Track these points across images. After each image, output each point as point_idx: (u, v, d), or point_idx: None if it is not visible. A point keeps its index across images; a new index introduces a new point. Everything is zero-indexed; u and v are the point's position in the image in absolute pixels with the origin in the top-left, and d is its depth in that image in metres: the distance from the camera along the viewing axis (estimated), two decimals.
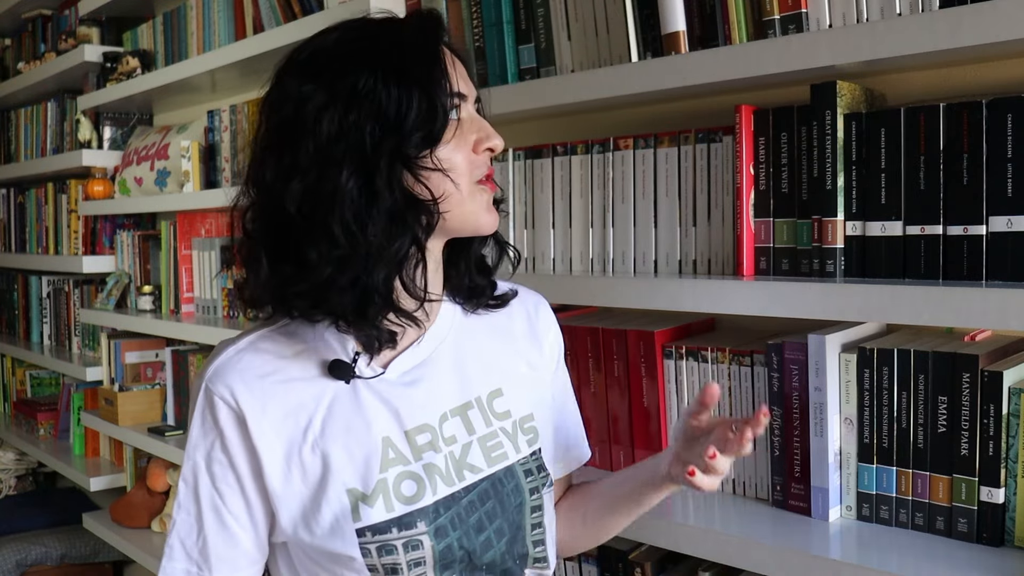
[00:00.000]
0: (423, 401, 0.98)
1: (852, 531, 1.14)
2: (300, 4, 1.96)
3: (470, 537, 0.96)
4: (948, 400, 1.09)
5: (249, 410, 0.94)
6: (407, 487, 0.95)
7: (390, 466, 0.94)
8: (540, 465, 1.04)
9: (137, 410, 2.50)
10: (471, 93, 0.98)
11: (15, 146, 3.53)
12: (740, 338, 1.35)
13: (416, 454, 0.96)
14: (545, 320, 1.12)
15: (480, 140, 0.96)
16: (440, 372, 1.00)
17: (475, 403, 1.02)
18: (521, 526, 1.00)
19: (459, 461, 0.98)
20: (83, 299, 3.05)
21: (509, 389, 1.04)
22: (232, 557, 0.98)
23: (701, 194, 1.30)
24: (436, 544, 0.94)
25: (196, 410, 0.97)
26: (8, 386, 3.51)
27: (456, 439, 0.99)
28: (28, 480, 3.34)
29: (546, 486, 1.03)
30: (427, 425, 0.98)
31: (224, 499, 0.97)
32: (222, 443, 0.96)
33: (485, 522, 0.98)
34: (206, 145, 2.42)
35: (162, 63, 2.63)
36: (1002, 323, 0.97)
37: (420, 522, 0.94)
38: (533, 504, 1.02)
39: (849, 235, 1.16)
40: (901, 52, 1.04)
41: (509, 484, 1.00)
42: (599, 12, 1.39)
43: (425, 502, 0.94)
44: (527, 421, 1.04)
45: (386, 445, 0.95)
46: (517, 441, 1.02)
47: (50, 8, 3.29)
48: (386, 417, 0.96)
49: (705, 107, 1.41)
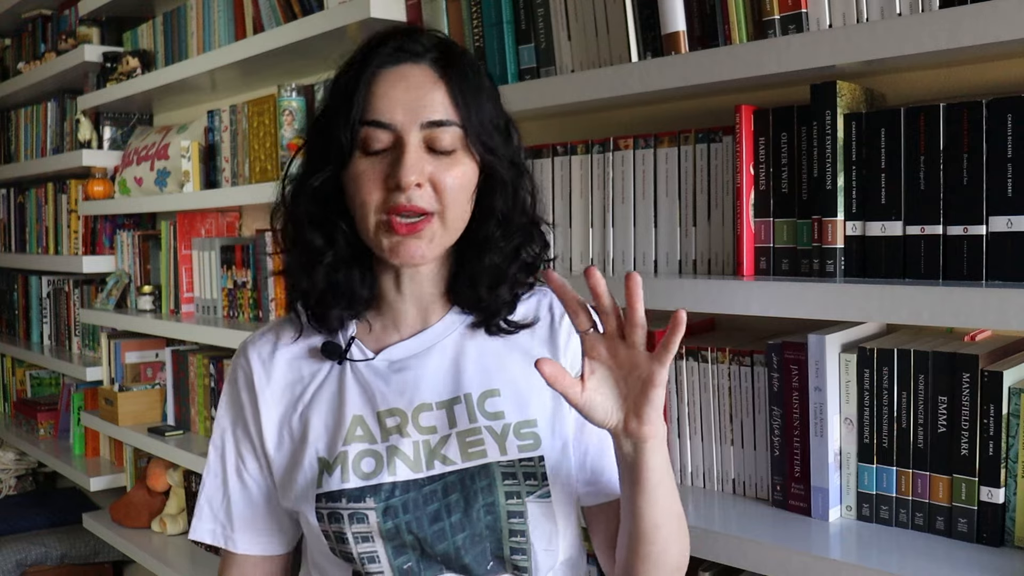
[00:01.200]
0: (402, 388, 1.02)
1: (852, 531, 1.15)
2: (300, 4, 1.95)
3: (421, 524, 0.97)
4: (948, 400, 1.09)
5: (258, 379, 1.07)
6: (366, 463, 1.00)
7: (353, 441, 1.01)
8: (532, 473, 1.00)
9: (137, 410, 2.50)
10: (406, 121, 0.95)
11: (15, 146, 3.53)
12: (740, 338, 1.35)
13: (384, 435, 1.01)
14: (567, 326, 1.07)
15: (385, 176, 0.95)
16: (430, 365, 1.03)
17: (464, 399, 1.02)
18: (496, 528, 0.98)
19: (432, 451, 1.00)
20: (83, 299, 3.05)
21: (508, 392, 1.03)
22: (252, 518, 1.09)
23: (701, 194, 1.30)
24: (382, 522, 0.97)
25: (226, 381, 1.12)
26: (8, 386, 3.51)
27: (436, 430, 1.01)
28: (28, 480, 3.34)
29: (534, 495, 0.99)
30: (399, 410, 1.02)
31: (245, 464, 1.09)
32: (243, 411, 1.08)
33: (443, 513, 0.98)
34: (206, 145, 2.42)
35: (162, 63, 2.63)
36: (1002, 323, 0.96)
37: (369, 498, 0.98)
38: (510, 509, 0.98)
39: (849, 235, 1.16)
40: (901, 52, 1.04)
41: (481, 482, 0.98)
42: (599, 12, 1.39)
43: (380, 480, 0.98)
44: (525, 427, 1.02)
45: (355, 422, 1.02)
46: (505, 443, 1.00)
47: (50, 8, 3.29)
48: (362, 397, 1.03)
49: (705, 107, 1.41)
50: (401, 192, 0.93)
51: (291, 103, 2.01)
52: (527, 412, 1.02)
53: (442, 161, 0.96)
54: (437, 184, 0.95)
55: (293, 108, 2.01)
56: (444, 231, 0.97)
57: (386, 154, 0.95)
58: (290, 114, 2.01)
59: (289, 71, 2.18)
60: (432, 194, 0.95)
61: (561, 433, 1.04)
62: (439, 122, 0.95)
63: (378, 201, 0.95)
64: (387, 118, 0.95)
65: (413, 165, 0.93)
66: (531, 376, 1.01)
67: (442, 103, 0.96)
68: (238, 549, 1.10)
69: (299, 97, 2.02)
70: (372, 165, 0.96)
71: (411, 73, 0.97)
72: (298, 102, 2.01)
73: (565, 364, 1.05)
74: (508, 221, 1.02)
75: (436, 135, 0.95)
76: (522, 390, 1.03)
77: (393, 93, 0.96)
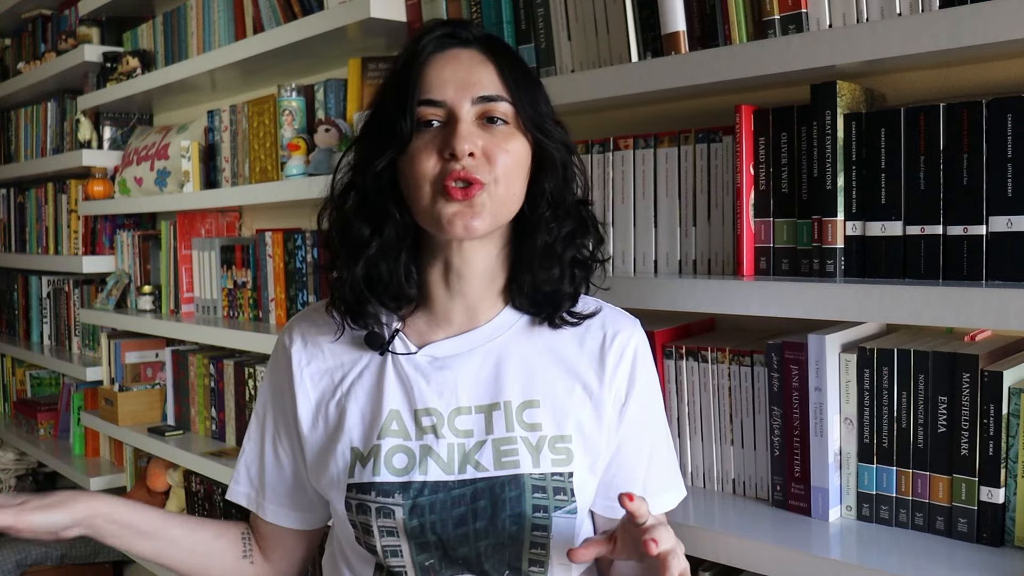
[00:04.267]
0: (440, 388, 1.02)
1: (852, 531, 1.14)
2: (300, 4, 1.95)
3: (446, 525, 0.98)
4: (948, 400, 1.09)
5: (296, 360, 1.09)
6: (399, 459, 1.01)
7: (388, 435, 1.01)
8: (563, 488, 1.00)
9: (137, 410, 2.50)
10: (458, 96, 0.98)
11: (15, 146, 3.53)
12: (740, 338, 1.35)
13: (419, 434, 1.01)
14: (619, 349, 1.06)
15: (440, 148, 0.97)
16: (472, 367, 1.03)
17: (503, 406, 1.02)
18: (518, 539, 0.99)
19: (467, 454, 1.00)
20: (83, 299, 3.05)
21: (548, 404, 1.03)
22: (282, 491, 1.12)
23: (701, 194, 1.30)
24: (408, 519, 0.98)
25: (272, 351, 1.14)
26: (8, 386, 3.51)
27: (472, 433, 1.01)
28: (28, 480, 3.34)
29: (562, 511, 1.00)
30: (435, 410, 1.02)
31: (281, 438, 1.12)
32: (280, 388, 1.11)
33: (469, 518, 0.98)
34: (206, 145, 2.42)
35: (162, 63, 2.63)
36: (1002, 323, 0.96)
37: (398, 494, 0.99)
38: (536, 522, 0.99)
39: (849, 235, 1.16)
40: (901, 52, 1.04)
41: (511, 492, 0.99)
42: (599, 12, 1.39)
43: (411, 478, 0.99)
44: (560, 441, 1.02)
45: (391, 417, 1.02)
46: (539, 456, 1.00)
47: (50, 8, 3.29)
48: (401, 392, 1.03)
49: (705, 107, 1.41)
50: (456, 160, 0.96)
51: (291, 103, 2.01)
52: (564, 427, 1.03)
53: (495, 136, 0.98)
54: (490, 156, 0.97)
55: (293, 108, 2.01)
56: (494, 203, 0.98)
57: (441, 129, 0.98)
58: (290, 114, 2.01)
59: (289, 71, 2.18)
60: (486, 165, 0.97)
61: (593, 451, 1.04)
62: (490, 97, 0.99)
63: (434, 171, 0.97)
64: (439, 95, 0.98)
65: (467, 135, 0.96)
66: (572, 390, 1.04)
67: (491, 80, 1.00)
68: (267, 518, 1.14)
69: (299, 97, 2.02)
70: (428, 141, 0.98)
71: (461, 55, 1.01)
72: (298, 102, 2.01)
73: (606, 385, 1.05)
74: (560, 202, 1.03)
75: (488, 109, 0.99)
76: (561, 403, 1.03)
77: (444, 73, 0.99)
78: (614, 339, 1.06)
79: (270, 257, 2.13)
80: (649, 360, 1.10)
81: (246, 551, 1.15)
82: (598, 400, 1.05)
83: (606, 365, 1.05)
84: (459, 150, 0.95)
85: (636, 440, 1.07)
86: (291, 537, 1.15)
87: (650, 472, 1.08)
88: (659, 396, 1.12)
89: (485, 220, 0.97)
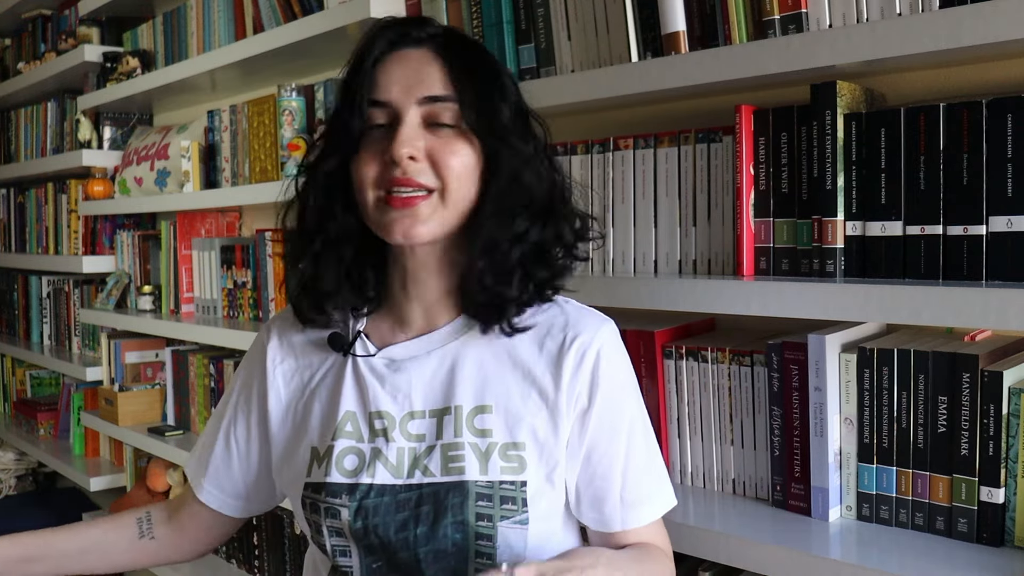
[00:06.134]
0: (395, 391, 1.02)
1: (852, 531, 1.14)
2: (300, 4, 1.96)
3: (388, 529, 0.97)
4: (948, 400, 1.09)
5: (271, 357, 1.10)
6: (349, 461, 1.01)
7: (342, 437, 1.02)
8: (512, 497, 0.96)
9: (137, 410, 2.50)
10: (402, 97, 0.95)
11: (15, 146, 3.53)
12: (740, 338, 1.35)
13: (371, 436, 1.01)
14: (578, 352, 0.99)
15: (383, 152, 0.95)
16: (428, 371, 1.02)
17: (454, 411, 1.00)
18: (463, 548, 0.95)
19: (417, 459, 0.99)
20: (83, 299, 3.05)
21: (500, 410, 0.99)
22: (220, 475, 1.14)
23: (701, 194, 1.30)
24: (352, 521, 0.98)
25: (252, 342, 1.15)
26: (8, 386, 3.51)
27: (424, 438, 1.00)
28: (28, 480, 3.34)
29: (510, 520, 0.95)
30: (387, 413, 1.01)
31: (236, 427, 1.13)
32: (251, 380, 1.12)
33: (411, 523, 0.96)
34: (206, 145, 2.42)
35: (162, 63, 2.63)
36: (1002, 323, 0.96)
37: (345, 495, 0.98)
38: (480, 531, 0.95)
39: (849, 235, 1.16)
40: (901, 52, 1.04)
41: (454, 499, 0.95)
42: (599, 12, 1.39)
43: (360, 480, 0.99)
44: (512, 448, 0.98)
45: (347, 418, 1.03)
46: (487, 463, 0.97)
47: (50, 8, 3.29)
48: (356, 394, 1.03)
49: (705, 107, 1.41)
50: (396, 166, 0.94)
51: (291, 103, 2.01)
52: (516, 434, 0.98)
53: (442, 138, 0.96)
54: (436, 160, 0.95)
55: (293, 108, 2.01)
56: (445, 209, 0.96)
57: (386, 132, 0.96)
58: (290, 114, 2.01)
59: (289, 71, 2.18)
60: (431, 170, 0.95)
61: (549, 460, 0.99)
62: (436, 97, 0.96)
63: (375, 176, 0.96)
64: (384, 96, 0.96)
65: (407, 138, 0.94)
66: (527, 396, 0.99)
67: (439, 80, 0.96)
68: (200, 496, 1.15)
69: (299, 97, 2.02)
70: (373, 144, 0.97)
71: (411, 55, 0.98)
72: (298, 102, 2.01)
73: (567, 396, 0.99)
74: (508, 206, 0.97)
75: (435, 111, 0.96)
76: (515, 410, 0.99)
77: (392, 74, 0.97)
78: (573, 342, 1.00)
79: (270, 257, 2.13)
80: (617, 362, 1.03)
81: (143, 531, 1.16)
82: (554, 406, 0.99)
83: (563, 369, 0.99)
84: (397, 155, 0.93)
85: (607, 448, 1.00)
86: (212, 518, 1.16)
87: (627, 482, 1.01)
88: (634, 400, 1.04)
89: (429, 226, 0.95)
